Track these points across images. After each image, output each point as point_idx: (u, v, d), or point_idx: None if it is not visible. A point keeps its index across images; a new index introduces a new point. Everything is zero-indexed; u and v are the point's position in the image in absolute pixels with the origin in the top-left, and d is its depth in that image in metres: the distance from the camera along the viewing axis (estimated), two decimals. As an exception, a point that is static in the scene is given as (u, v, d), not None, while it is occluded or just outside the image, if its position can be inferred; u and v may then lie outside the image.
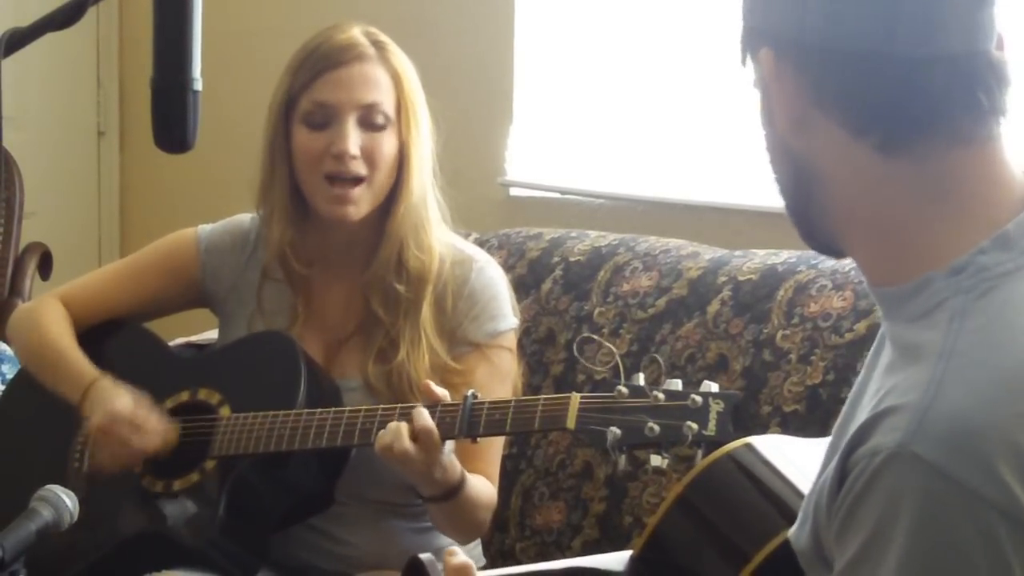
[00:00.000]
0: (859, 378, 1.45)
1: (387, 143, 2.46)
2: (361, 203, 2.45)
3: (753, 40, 1.38)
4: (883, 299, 1.38)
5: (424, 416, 2.24)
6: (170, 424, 2.45)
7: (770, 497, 1.75)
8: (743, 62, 1.40)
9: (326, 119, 2.46)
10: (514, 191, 3.90)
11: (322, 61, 2.47)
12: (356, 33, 2.49)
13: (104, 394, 2.47)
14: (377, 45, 2.49)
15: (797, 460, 1.79)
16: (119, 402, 2.45)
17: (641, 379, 2.17)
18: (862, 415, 1.31)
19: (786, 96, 1.35)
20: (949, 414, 1.23)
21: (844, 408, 1.44)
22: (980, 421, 1.22)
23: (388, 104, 2.46)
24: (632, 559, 1.85)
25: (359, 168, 2.44)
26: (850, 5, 1.30)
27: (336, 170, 2.44)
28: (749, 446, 1.86)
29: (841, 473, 1.29)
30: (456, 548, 1.80)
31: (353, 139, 2.43)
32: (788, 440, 1.85)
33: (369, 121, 2.45)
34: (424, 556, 1.75)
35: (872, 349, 1.46)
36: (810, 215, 1.40)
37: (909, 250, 1.33)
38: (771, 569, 1.62)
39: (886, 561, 1.23)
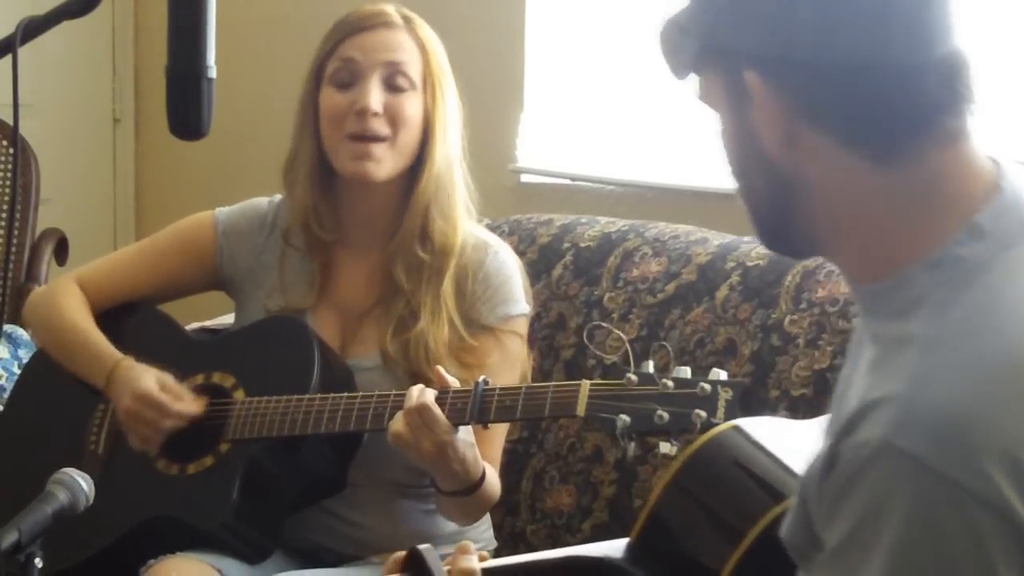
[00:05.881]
0: (843, 373, 1.46)
1: (411, 105, 2.47)
2: (383, 161, 2.46)
3: (729, 62, 1.36)
4: (865, 296, 1.39)
5: (425, 393, 2.26)
6: (196, 400, 2.47)
7: (759, 475, 1.77)
8: (682, 76, 1.40)
9: (351, 77, 2.47)
10: (525, 178, 3.91)
11: (350, 26, 2.51)
12: (386, 6, 2.53)
13: (129, 375, 2.48)
14: (405, 18, 2.52)
15: (787, 439, 1.80)
16: (144, 383, 2.46)
17: (650, 367, 2.19)
18: (851, 404, 1.31)
19: (772, 115, 1.34)
20: (933, 406, 1.24)
21: (832, 405, 1.45)
22: (964, 412, 1.23)
23: (413, 69, 2.48)
24: (629, 545, 1.87)
25: (381, 127, 2.45)
26: (841, 18, 1.30)
27: (359, 128, 2.45)
28: (737, 428, 1.89)
29: (830, 459, 1.30)
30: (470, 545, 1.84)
31: (376, 96, 2.45)
32: (778, 421, 1.87)
33: (393, 81, 2.47)
34: (423, 547, 1.78)
35: (854, 343, 1.47)
36: (788, 223, 1.40)
37: (892, 249, 1.34)
38: (767, 543, 1.63)
39: (875, 553, 1.24)
